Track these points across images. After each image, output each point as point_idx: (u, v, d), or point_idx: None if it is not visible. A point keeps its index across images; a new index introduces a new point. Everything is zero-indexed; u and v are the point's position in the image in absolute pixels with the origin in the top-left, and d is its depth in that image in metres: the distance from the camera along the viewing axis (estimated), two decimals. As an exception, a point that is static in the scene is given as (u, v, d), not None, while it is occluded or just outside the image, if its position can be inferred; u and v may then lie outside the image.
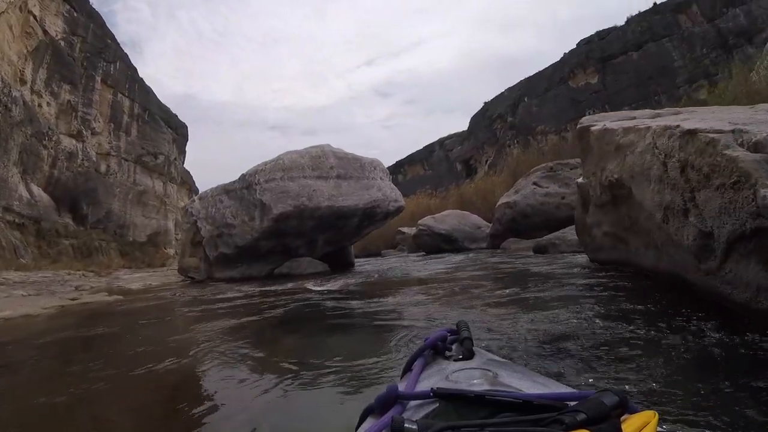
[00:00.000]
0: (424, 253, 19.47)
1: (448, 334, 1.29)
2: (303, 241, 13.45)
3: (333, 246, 14.25)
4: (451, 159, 67.37)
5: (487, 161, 58.52)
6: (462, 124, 76.59)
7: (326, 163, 13.71)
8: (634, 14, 50.12)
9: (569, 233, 11.04)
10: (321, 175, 13.40)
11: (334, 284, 8.89)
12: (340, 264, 14.53)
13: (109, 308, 8.74)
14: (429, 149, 72.33)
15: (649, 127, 4.31)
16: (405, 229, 25.40)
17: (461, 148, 66.45)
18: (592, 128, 6.16)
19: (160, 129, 54.46)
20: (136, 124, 51.36)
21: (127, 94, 50.30)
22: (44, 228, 34.08)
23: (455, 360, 1.16)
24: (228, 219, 13.59)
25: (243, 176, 13.90)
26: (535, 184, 16.31)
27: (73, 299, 10.32)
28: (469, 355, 1.17)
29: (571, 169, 16.38)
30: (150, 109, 53.71)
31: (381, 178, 14.26)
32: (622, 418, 0.72)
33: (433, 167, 69.21)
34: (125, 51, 53.26)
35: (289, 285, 9.59)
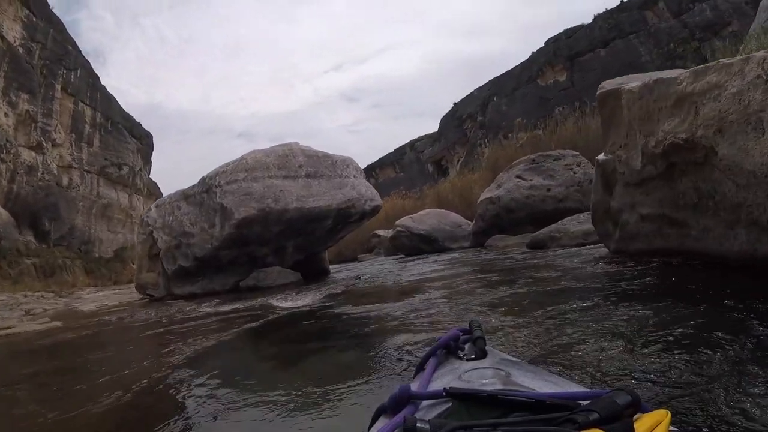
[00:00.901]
0: (402, 255, 18.08)
1: (461, 334, 1.25)
2: (270, 248, 11.90)
3: (305, 253, 12.67)
4: (423, 160, 66.23)
5: (458, 161, 57.45)
6: (429, 128, 75.59)
7: (294, 161, 12.23)
8: (601, 12, 49.49)
9: (570, 224, 9.76)
10: (288, 174, 11.92)
11: (306, 297, 7.45)
12: (313, 272, 13.00)
13: (29, 342, 7.12)
14: (400, 152, 71.14)
15: (748, 58, 2.97)
16: (381, 232, 23.98)
17: (432, 150, 65.33)
18: (625, 87, 4.78)
19: (124, 139, 52.43)
20: (98, 134, 49.40)
21: (88, 103, 48.36)
22: (4, 247, 32.14)
23: (468, 359, 1.14)
24: (186, 227, 12.04)
25: (203, 179, 12.31)
26: (518, 177, 15.03)
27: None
28: (481, 355, 1.14)
29: (554, 160, 15.31)
30: (113, 118, 51.73)
31: (355, 176, 12.80)
32: (635, 417, 0.68)
33: (404, 169, 67.96)
34: (87, 58, 51.27)
35: (255, 301, 8.12)
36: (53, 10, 43.88)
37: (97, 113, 49.36)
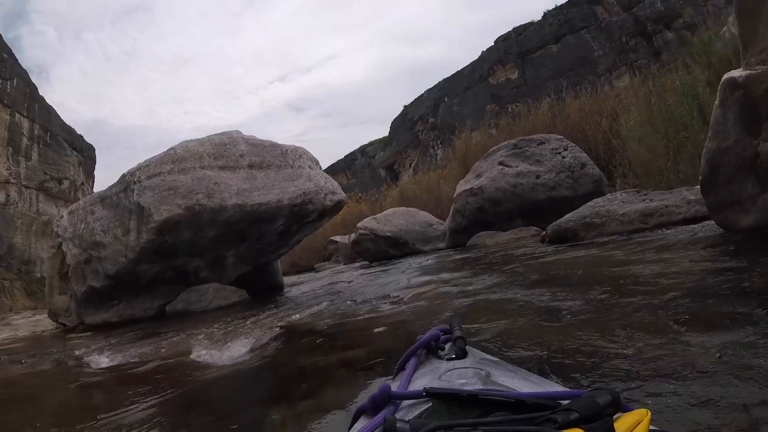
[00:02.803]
0: (366, 262, 15.26)
1: (441, 334, 1.22)
2: (205, 260, 8.89)
3: (251, 264, 9.58)
4: (374, 165, 63.72)
5: (411, 165, 55.53)
6: (378, 134, 73.42)
7: (234, 150, 9.38)
8: (550, 9, 48.01)
9: (610, 205, 7.22)
10: (227, 165, 9.07)
11: (243, 340, 4.46)
12: (263, 287, 10.13)
13: None
14: (351, 158, 68.36)
15: None
16: (338, 238, 21.07)
17: (384, 154, 62.88)
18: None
19: (64, 152, 48.48)
20: (36, 147, 45.70)
21: (26, 114, 44.75)
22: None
23: (448, 359, 1.09)
24: (97, 236, 9.04)
25: (122, 176, 9.33)
26: (501, 164, 12.43)
27: None
28: (462, 355, 1.10)
29: (538, 144, 12.83)
30: (52, 131, 47.93)
31: (310, 167, 10.00)
32: (615, 416, 0.66)
33: (356, 175, 65.13)
34: (25, 68, 47.30)
35: (168, 342, 5.29)
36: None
37: (36, 125, 45.84)
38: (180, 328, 6.45)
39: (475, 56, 53.56)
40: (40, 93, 47.96)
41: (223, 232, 8.44)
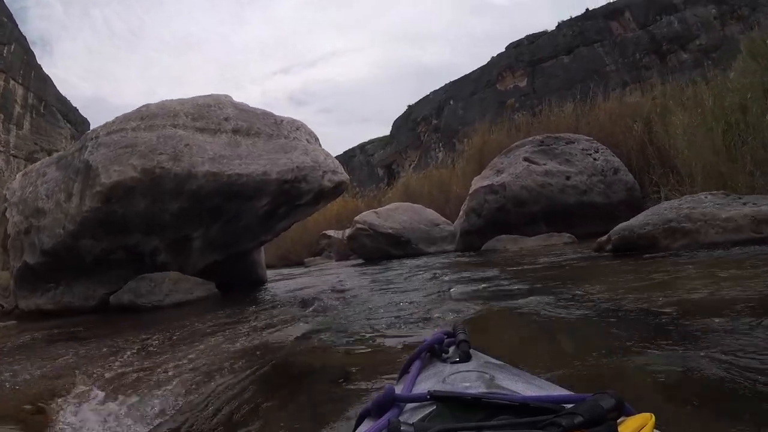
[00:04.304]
0: (361, 260, 13.41)
1: (445, 337, 1.14)
2: (164, 240, 6.84)
3: (223, 251, 7.52)
4: (373, 164, 62.04)
5: (410, 165, 54.01)
6: (378, 133, 71.84)
7: (219, 113, 7.44)
8: (565, 19, 46.53)
9: (701, 207, 5.40)
10: (206, 126, 7.14)
11: (177, 378, 2.57)
12: (238, 281, 8.21)
13: None
14: (349, 154, 66.45)
15: None
16: (331, 233, 19.08)
17: (383, 153, 61.17)
18: None
19: (57, 123, 46.45)
20: (29, 116, 43.79)
21: (21, 82, 42.78)
22: None
23: (452, 362, 1.01)
24: (40, 201, 7.09)
25: (84, 135, 7.45)
26: (527, 160, 10.61)
27: None
28: (466, 358, 1.01)
29: (567, 143, 11.14)
30: (46, 100, 45.99)
31: (308, 141, 8.09)
32: (619, 420, 0.62)
33: (353, 173, 63.49)
34: (25, 35, 45.30)
35: (64, 363, 3.33)
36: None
37: (30, 93, 44.00)
38: (115, 330, 4.61)
39: (481, 62, 52.30)
40: (42, 66, 46.14)
41: (190, 206, 6.47)
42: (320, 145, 8.50)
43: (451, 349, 1.10)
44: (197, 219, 6.72)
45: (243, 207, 6.87)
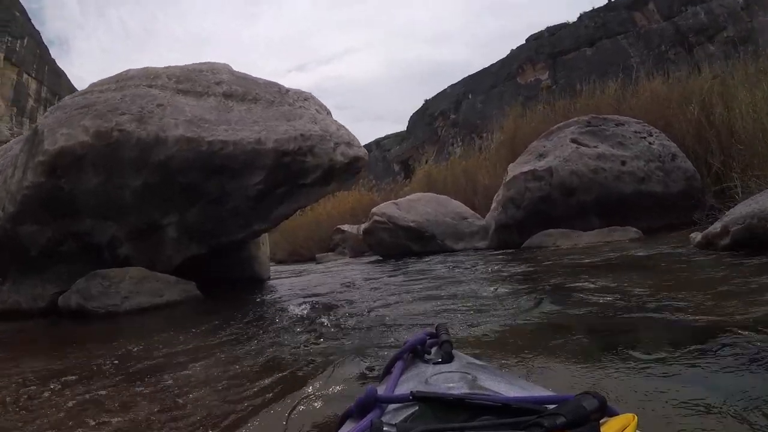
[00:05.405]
0: (379, 257, 11.78)
1: (428, 338, 1.14)
2: (125, 227, 5.18)
3: (205, 241, 5.72)
4: (389, 159, 60.58)
5: (427, 161, 52.76)
6: (391, 131, 70.81)
7: (210, 77, 5.92)
8: (587, 10, 44.87)
9: None
10: (191, 89, 5.61)
11: None
12: (229, 279, 6.61)
13: None
14: (366, 149, 66.04)
15: None
16: (346, 227, 17.44)
17: (400, 148, 59.83)
18: None
19: (70, 116, 45.58)
20: (42, 109, 42.80)
21: (34, 76, 42.08)
22: None
23: (434, 363, 1.02)
24: (-10, 179, 5.60)
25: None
26: (574, 141, 8.90)
27: None
28: (448, 359, 1.03)
29: (617, 125, 9.33)
30: (60, 95, 44.81)
31: (317, 111, 6.47)
32: (602, 421, 0.63)
33: (369, 167, 62.84)
34: (37, 29, 44.44)
35: None
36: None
37: (44, 87, 43.24)
38: (48, 349, 3.08)
39: (497, 59, 50.76)
40: (57, 61, 45.39)
41: (159, 183, 4.86)
42: (331, 117, 6.88)
43: (434, 350, 1.09)
44: (169, 200, 5.10)
45: (229, 185, 5.23)
